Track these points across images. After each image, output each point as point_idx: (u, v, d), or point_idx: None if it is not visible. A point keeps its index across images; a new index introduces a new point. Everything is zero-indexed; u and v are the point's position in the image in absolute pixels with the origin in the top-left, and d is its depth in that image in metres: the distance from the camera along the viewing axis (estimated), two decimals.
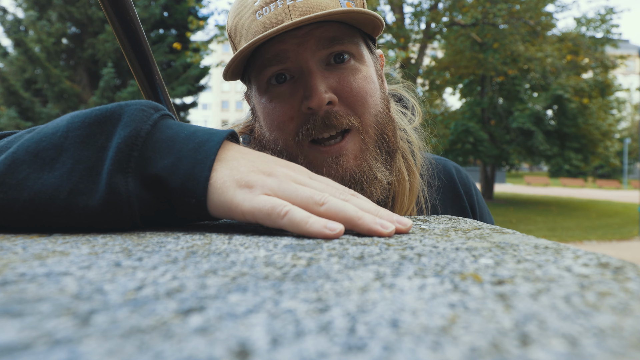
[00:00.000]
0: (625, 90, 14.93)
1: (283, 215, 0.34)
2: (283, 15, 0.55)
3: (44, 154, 0.36)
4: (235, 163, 0.38)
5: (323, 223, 0.33)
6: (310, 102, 0.56)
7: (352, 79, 0.58)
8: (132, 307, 0.18)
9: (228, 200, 0.36)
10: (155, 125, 0.38)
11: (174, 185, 0.36)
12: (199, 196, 0.36)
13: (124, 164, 0.35)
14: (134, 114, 0.37)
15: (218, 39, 9.01)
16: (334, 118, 0.57)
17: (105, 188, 0.34)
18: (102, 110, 0.37)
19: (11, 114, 9.41)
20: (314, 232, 0.33)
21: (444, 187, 0.74)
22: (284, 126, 0.59)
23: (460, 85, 14.85)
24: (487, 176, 15.56)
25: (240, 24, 0.60)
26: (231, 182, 0.36)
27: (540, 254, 0.28)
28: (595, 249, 6.27)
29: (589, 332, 0.16)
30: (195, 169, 0.36)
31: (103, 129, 0.36)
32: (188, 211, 0.37)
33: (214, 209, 0.37)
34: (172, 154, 0.37)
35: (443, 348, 0.14)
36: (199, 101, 13.74)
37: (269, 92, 0.60)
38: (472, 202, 0.77)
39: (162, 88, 0.81)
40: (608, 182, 34.23)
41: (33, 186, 0.35)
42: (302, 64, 0.57)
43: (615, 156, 15.85)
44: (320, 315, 0.17)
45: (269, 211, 0.34)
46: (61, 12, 10.13)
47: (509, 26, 10.70)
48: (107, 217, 0.35)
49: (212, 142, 0.38)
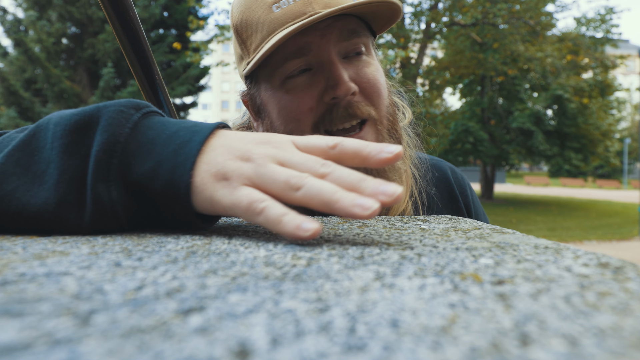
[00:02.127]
0: (625, 90, 14.94)
1: (259, 212, 0.32)
2: (305, 7, 0.56)
3: (34, 167, 0.35)
4: (213, 154, 0.35)
5: (297, 223, 0.30)
6: (336, 91, 0.56)
7: (369, 71, 0.60)
8: (132, 307, 0.18)
9: (209, 197, 0.34)
10: (136, 127, 0.36)
11: (157, 191, 0.35)
12: (183, 201, 0.34)
13: (104, 172, 0.34)
14: (112, 116, 0.35)
15: (218, 38, 9.01)
16: (357, 108, 0.58)
17: (90, 198, 0.34)
18: (81, 115, 0.36)
19: (11, 114, 9.41)
20: (287, 233, 0.30)
21: (439, 187, 0.74)
22: (302, 117, 0.59)
23: (460, 85, 14.85)
24: (487, 176, 15.56)
25: (252, 17, 0.59)
26: (209, 178, 0.34)
27: (540, 254, 0.28)
28: (595, 249, 6.27)
29: (589, 332, 0.16)
30: (175, 173, 0.34)
31: (83, 136, 0.35)
32: (176, 216, 0.36)
33: (202, 208, 0.35)
34: (152, 158, 0.35)
35: (443, 348, 0.14)
36: (199, 101, 13.73)
37: (285, 85, 0.59)
38: (468, 203, 0.77)
39: (162, 88, 0.81)
40: (608, 182, 34.23)
41: (21, 198, 0.34)
42: (324, 55, 0.58)
43: (615, 156, 15.85)
44: (320, 315, 0.17)
45: (246, 207, 0.32)
46: (61, 12, 10.13)
47: (509, 26, 10.70)
48: (95, 228, 0.35)
49: (193, 142, 0.35)
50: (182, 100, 12.31)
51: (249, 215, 0.32)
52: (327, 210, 0.31)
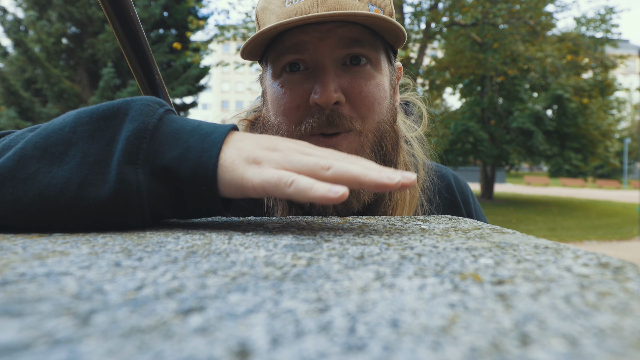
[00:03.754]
0: (625, 90, 14.93)
1: (289, 184, 0.35)
2: (311, 7, 0.57)
3: (53, 149, 0.36)
4: (241, 144, 0.39)
5: (327, 187, 0.34)
6: (319, 97, 0.57)
7: (364, 84, 0.59)
8: (132, 307, 0.18)
9: (239, 176, 0.37)
10: (161, 119, 0.39)
11: (184, 175, 0.37)
12: (210, 182, 0.37)
13: (134, 155, 0.36)
14: (141, 108, 0.38)
15: (218, 38, 9.01)
16: (338, 118, 0.58)
17: (115, 179, 0.35)
18: (110, 105, 0.39)
19: (11, 114, 9.41)
20: (318, 197, 0.33)
21: (441, 195, 0.74)
22: (289, 113, 0.60)
23: (460, 85, 14.85)
24: (487, 176, 15.56)
25: (269, 7, 0.61)
26: (240, 160, 0.37)
27: (540, 254, 0.28)
28: (595, 248, 6.27)
29: (589, 332, 0.16)
30: (204, 156, 0.37)
31: (111, 123, 0.37)
32: (199, 200, 0.38)
33: (226, 189, 0.38)
34: (179, 145, 0.38)
35: (443, 348, 0.14)
36: (199, 101, 13.73)
37: (282, 78, 0.61)
38: (470, 211, 0.78)
39: (162, 88, 0.81)
40: (608, 182, 34.22)
41: (43, 180, 0.35)
42: (318, 58, 0.58)
43: (614, 156, 15.84)
44: (320, 315, 0.17)
45: (276, 182, 0.35)
46: (61, 12, 10.13)
47: (509, 26, 10.70)
48: (117, 209, 0.36)
49: (217, 132, 0.39)
50: (182, 100, 12.31)
51: (280, 188, 0.35)
52: (356, 185, 0.35)
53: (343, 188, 0.33)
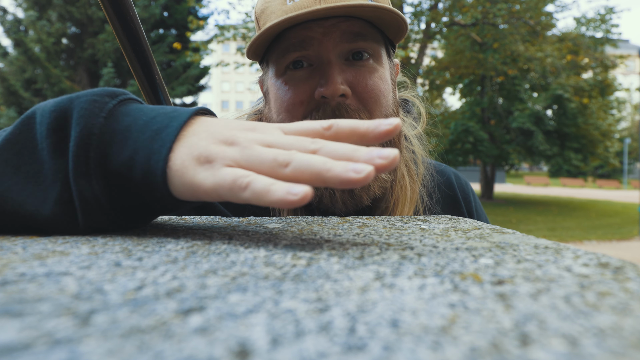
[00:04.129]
0: (625, 90, 14.93)
1: (245, 187, 0.30)
2: (313, 3, 0.57)
3: (25, 167, 0.34)
4: (195, 138, 0.34)
5: (286, 188, 0.28)
6: (325, 89, 0.57)
7: (369, 77, 0.60)
8: (132, 307, 0.18)
9: (189, 181, 0.32)
10: (111, 115, 0.35)
11: (137, 180, 0.34)
12: (162, 189, 0.33)
13: (83, 167, 0.33)
14: (84, 107, 0.34)
15: (218, 38, 9.00)
16: (345, 111, 0.58)
17: (75, 196, 0.33)
18: (57, 110, 0.35)
19: (11, 114, 9.41)
20: (276, 201, 0.28)
21: (443, 196, 0.74)
22: (293, 109, 0.60)
23: (460, 85, 14.84)
24: (487, 176, 15.56)
25: (269, 7, 0.61)
26: (190, 161, 0.32)
27: (540, 253, 0.28)
28: (595, 248, 6.27)
29: (589, 332, 0.16)
30: (151, 160, 0.33)
31: (64, 132, 0.34)
32: (160, 205, 0.35)
33: (180, 194, 0.33)
34: (128, 146, 0.34)
35: (443, 348, 0.14)
36: (199, 101, 13.74)
37: (286, 76, 0.61)
38: (471, 209, 0.77)
39: (162, 88, 0.81)
40: (608, 182, 34.22)
41: (17, 198, 0.34)
42: (323, 53, 0.58)
43: (614, 156, 15.84)
44: (320, 315, 0.17)
45: (230, 185, 0.30)
46: (61, 12, 10.13)
47: (509, 26, 10.69)
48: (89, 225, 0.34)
49: (170, 127, 0.34)
50: (182, 100, 12.31)
51: (235, 192, 0.30)
52: (319, 183, 0.29)
53: (304, 188, 0.28)
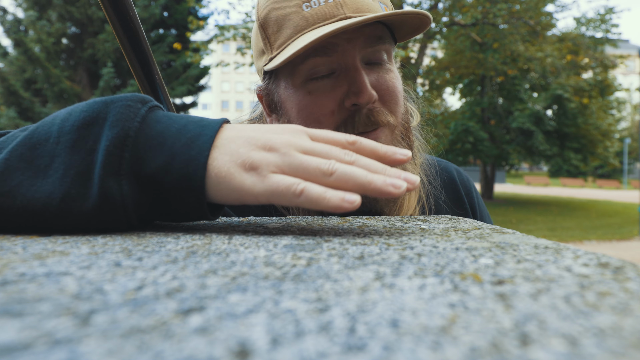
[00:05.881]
0: (625, 90, 14.94)
1: (299, 194, 0.33)
2: (335, 10, 0.56)
3: (37, 161, 0.35)
4: (233, 145, 0.36)
5: (341, 196, 0.33)
6: (359, 98, 0.57)
7: (388, 78, 0.61)
8: (132, 307, 0.18)
9: (238, 186, 0.35)
10: (144, 121, 0.37)
11: (170, 185, 0.36)
12: (197, 193, 0.35)
13: (116, 166, 0.35)
14: (121, 111, 0.36)
15: (218, 39, 9.01)
16: (377, 115, 0.59)
17: (97, 193, 0.34)
18: (89, 111, 0.36)
19: (11, 114, 9.41)
20: (333, 207, 0.33)
21: (445, 189, 0.74)
22: (324, 119, 0.59)
23: (460, 85, 14.85)
24: (487, 176, 15.56)
25: (281, 14, 0.59)
26: (235, 168, 0.35)
27: (540, 253, 0.28)
28: (595, 248, 6.27)
29: (588, 332, 0.16)
30: (190, 166, 0.35)
31: (91, 131, 0.35)
32: (186, 208, 0.37)
33: (223, 198, 0.36)
34: (164, 152, 0.36)
35: (443, 348, 0.14)
36: (198, 101, 13.73)
37: (307, 86, 0.59)
38: (473, 204, 0.77)
39: (162, 88, 0.81)
40: (608, 182, 34.21)
41: (26, 193, 0.34)
42: (349, 59, 0.58)
43: (614, 156, 15.85)
44: (320, 315, 0.17)
45: (283, 191, 0.34)
46: (61, 12, 10.13)
47: (508, 26, 10.69)
48: (102, 221, 0.35)
49: (204, 135, 0.36)
50: (182, 100, 12.32)
51: (289, 197, 0.34)
52: (361, 192, 0.34)
53: (357, 197, 0.33)
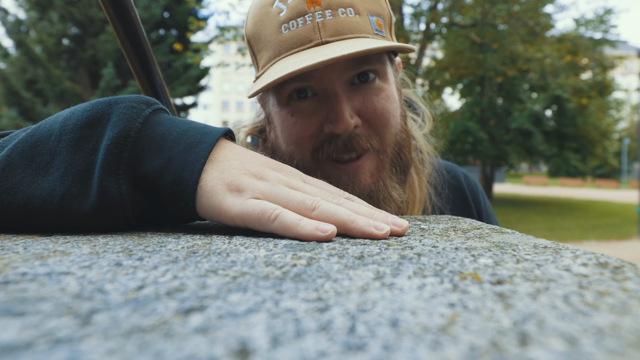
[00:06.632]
0: (624, 90, 14.94)
1: (273, 219, 0.33)
2: (312, 34, 0.53)
3: (38, 158, 0.35)
4: (227, 164, 0.36)
5: (315, 225, 0.32)
6: (336, 127, 0.54)
7: (376, 100, 0.57)
8: (132, 307, 0.18)
9: (217, 204, 0.35)
10: (147, 122, 0.37)
11: (164, 186, 0.36)
12: (188, 200, 0.35)
13: (115, 166, 0.35)
14: (124, 112, 0.36)
15: (218, 39, 9.01)
16: (356, 142, 0.56)
17: (97, 192, 0.34)
18: (93, 110, 0.36)
19: (12, 115, 9.41)
20: (305, 235, 0.32)
21: (452, 194, 0.74)
22: (302, 142, 0.58)
23: (460, 85, 14.84)
24: (487, 176, 15.57)
25: (262, 33, 0.57)
26: (221, 186, 0.35)
27: (540, 253, 0.28)
28: (594, 248, 6.27)
29: (587, 331, 0.16)
30: (185, 171, 0.35)
31: (94, 131, 0.36)
32: (179, 213, 0.37)
33: (203, 212, 0.36)
34: (162, 154, 0.36)
35: (442, 347, 0.14)
36: (199, 101, 13.73)
37: (290, 106, 0.58)
38: (480, 210, 0.76)
39: (163, 88, 0.81)
40: (607, 182, 34.20)
41: (27, 190, 0.34)
42: (327, 85, 0.55)
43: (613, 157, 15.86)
44: (320, 315, 0.17)
45: (258, 215, 0.34)
46: (62, 12, 10.14)
47: (508, 27, 10.70)
48: (101, 220, 0.35)
49: (204, 143, 0.37)
50: (183, 101, 12.31)
51: (263, 222, 0.34)
52: (342, 230, 0.34)
53: (331, 227, 0.33)
